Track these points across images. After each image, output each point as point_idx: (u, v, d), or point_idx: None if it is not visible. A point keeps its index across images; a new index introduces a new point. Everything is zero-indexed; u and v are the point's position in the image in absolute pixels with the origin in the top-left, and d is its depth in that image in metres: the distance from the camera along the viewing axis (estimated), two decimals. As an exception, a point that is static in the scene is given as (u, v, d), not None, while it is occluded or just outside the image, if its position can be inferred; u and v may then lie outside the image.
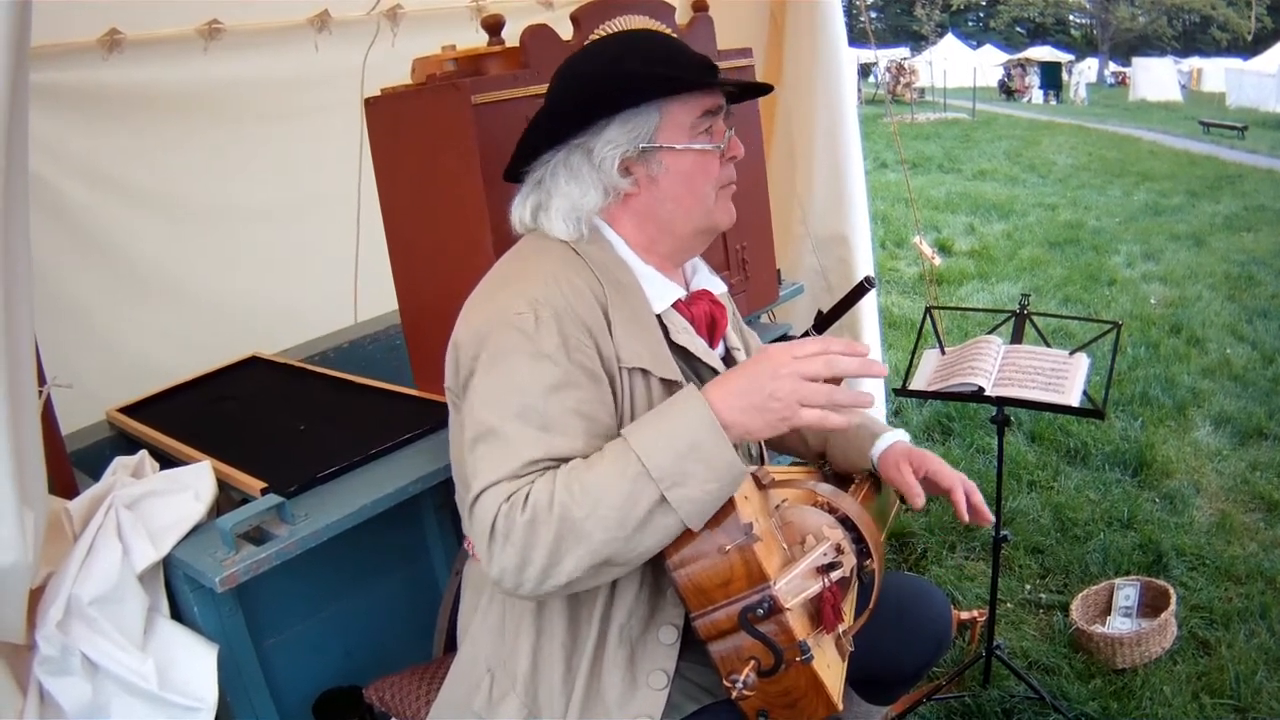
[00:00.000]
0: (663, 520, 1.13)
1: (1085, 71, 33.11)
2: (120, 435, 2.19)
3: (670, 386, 1.36)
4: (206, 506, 1.65)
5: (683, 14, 2.15)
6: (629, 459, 1.12)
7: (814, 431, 1.75)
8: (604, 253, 1.39)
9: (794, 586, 1.25)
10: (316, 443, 1.94)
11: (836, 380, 1.19)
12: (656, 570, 1.33)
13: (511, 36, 1.88)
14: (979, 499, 1.62)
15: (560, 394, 1.21)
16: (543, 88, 1.84)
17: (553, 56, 1.86)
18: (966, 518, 1.61)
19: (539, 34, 1.86)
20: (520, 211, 1.42)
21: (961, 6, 45.77)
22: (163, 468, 1.75)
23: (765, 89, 1.52)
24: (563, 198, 1.36)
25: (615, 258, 1.40)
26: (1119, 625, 2.69)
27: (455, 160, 1.80)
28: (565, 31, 1.93)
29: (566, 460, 1.18)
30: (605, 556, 1.13)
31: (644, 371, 1.33)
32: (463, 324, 1.33)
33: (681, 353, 1.42)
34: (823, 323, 2.45)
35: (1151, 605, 2.72)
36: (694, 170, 1.38)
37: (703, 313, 1.48)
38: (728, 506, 1.20)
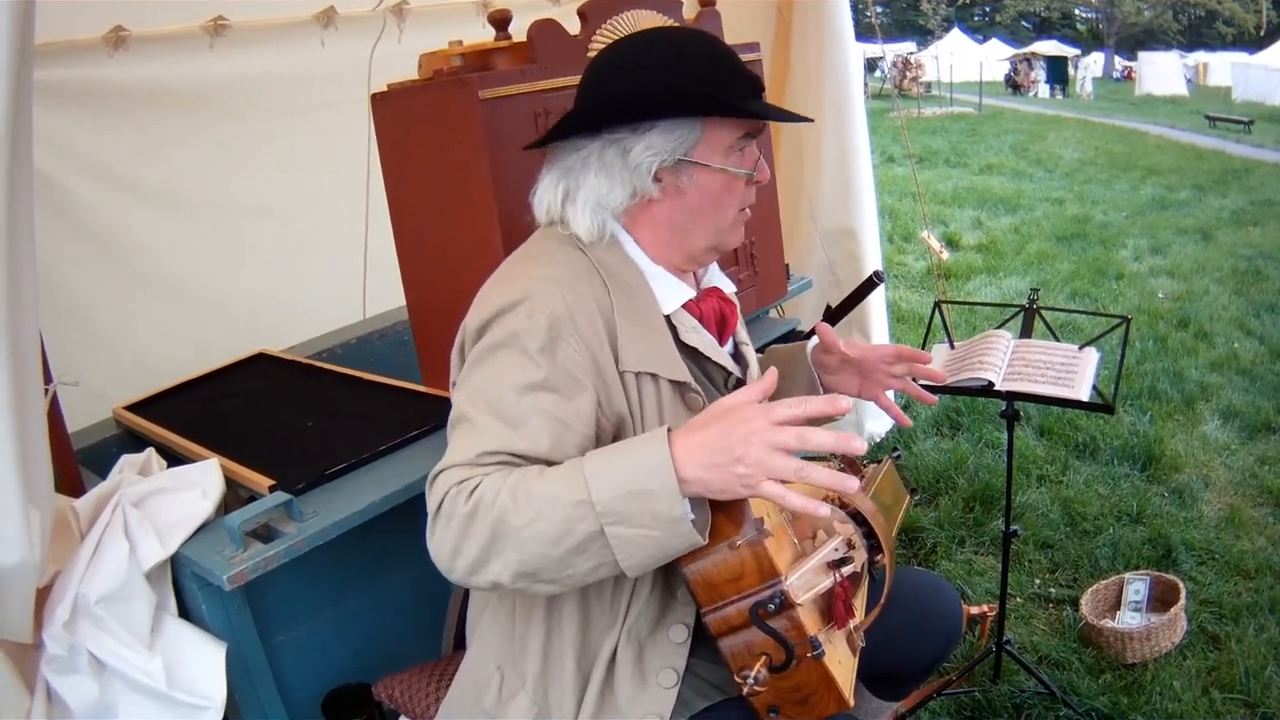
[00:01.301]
0: (599, 552, 1.12)
1: (1091, 66, 32.93)
2: (127, 433, 2.19)
3: (679, 388, 1.36)
4: (214, 504, 1.65)
5: (690, 8, 2.14)
6: (578, 483, 1.11)
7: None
8: (613, 254, 1.38)
9: (805, 582, 1.24)
10: (324, 440, 1.94)
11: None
12: (669, 570, 1.32)
13: (519, 31, 1.87)
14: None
15: (535, 394, 1.21)
16: (550, 82, 1.84)
17: (560, 51, 1.86)
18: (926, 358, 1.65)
19: (546, 29, 1.86)
20: (550, 197, 1.38)
21: (968, 1, 45.62)
22: (170, 465, 1.75)
23: (807, 120, 1.51)
24: (590, 190, 1.34)
25: (624, 259, 1.39)
26: (1129, 620, 2.68)
27: (463, 155, 1.80)
28: (573, 26, 1.92)
29: (526, 459, 1.18)
30: (534, 569, 1.13)
31: (652, 375, 1.33)
32: (466, 320, 1.33)
33: (691, 353, 1.41)
34: (831, 317, 2.43)
35: (1161, 600, 2.71)
36: (722, 190, 1.38)
37: (712, 309, 1.47)
38: (739, 502, 1.19)
